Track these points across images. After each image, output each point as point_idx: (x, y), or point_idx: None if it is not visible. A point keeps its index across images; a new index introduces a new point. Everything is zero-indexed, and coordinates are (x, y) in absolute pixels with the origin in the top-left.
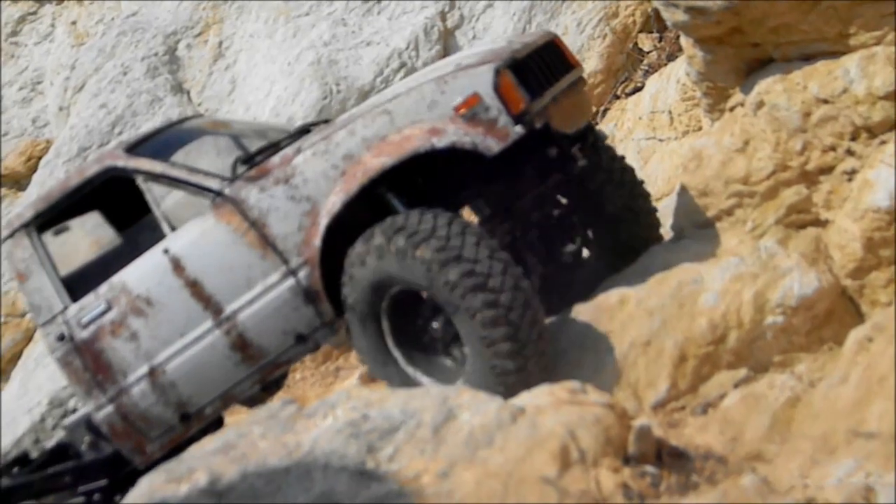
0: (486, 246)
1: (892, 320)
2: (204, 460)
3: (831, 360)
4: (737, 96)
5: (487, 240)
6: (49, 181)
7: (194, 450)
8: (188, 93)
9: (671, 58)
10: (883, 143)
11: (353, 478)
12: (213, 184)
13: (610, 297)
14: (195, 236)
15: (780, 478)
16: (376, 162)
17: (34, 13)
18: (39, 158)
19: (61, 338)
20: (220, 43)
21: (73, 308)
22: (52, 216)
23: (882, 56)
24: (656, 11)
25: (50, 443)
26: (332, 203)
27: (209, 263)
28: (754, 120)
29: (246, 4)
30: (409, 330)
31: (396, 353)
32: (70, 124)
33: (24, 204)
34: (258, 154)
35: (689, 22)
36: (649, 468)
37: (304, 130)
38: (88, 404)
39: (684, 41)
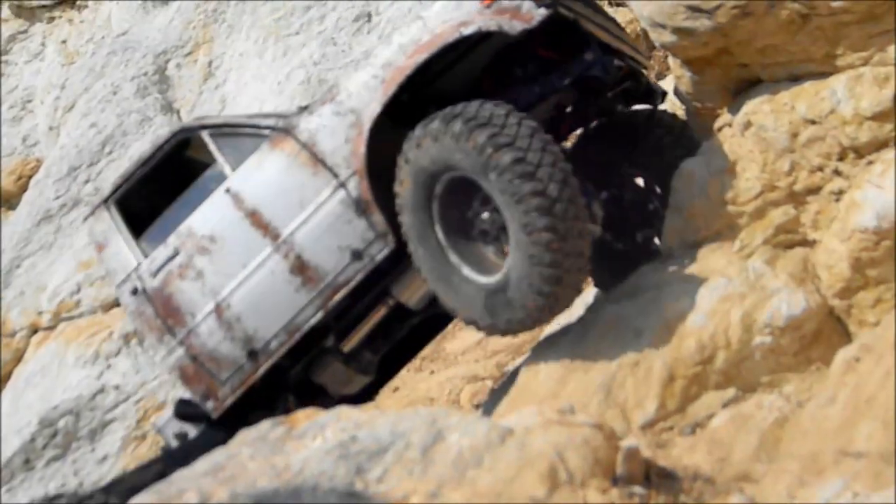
0: (539, 138)
1: (880, 340)
2: (194, 481)
3: (819, 380)
4: (724, 117)
5: (542, 133)
6: (39, 200)
7: (184, 472)
8: (178, 112)
9: (660, 77)
10: (870, 163)
11: (342, 499)
12: (270, 122)
13: (599, 317)
14: (253, 169)
15: (768, 498)
16: (411, 61)
17: (24, 32)
18: (30, 177)
19: (134, 291)
20: (210, 62)
21: (146, 262)
22: (130, 188)
23: (869, 77)
24: (645, 32)
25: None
26: (373, 108)
27: (266, 191)
28: (742, 140)
29: (236, 24)
30: (458, 219)
31: (443, 240)
32: (60, 143)
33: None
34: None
35: (677, 43)
36: (637, 489)
37: None
38: (160, 352)
39: (672, 62)
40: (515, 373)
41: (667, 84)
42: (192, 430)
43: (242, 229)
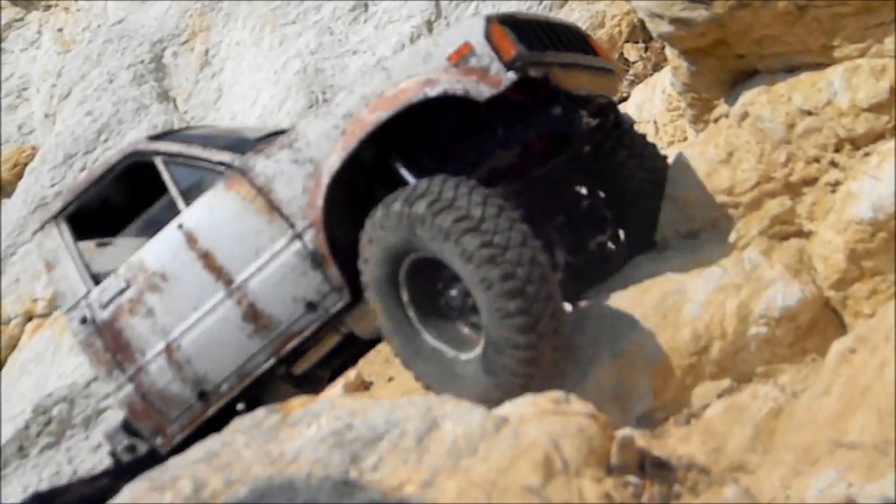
0: (506, 217)
1: (875, 332)
2: (188, 469)
3: (814, 371)
4: (721, 108)
5: (508, 211)
6: (34, 188)
7: (178, 458)
8: (174, 101)
9: (657, 68)
10: (866, 154)
11: (337, 487)
12: (226, 157)
13: (594, 307)
14: (207, 208)
15: (763, 488)
16: (373, 117)
17: (21, 20)
18: (25, 165)
19: (84, 321)
20: (207, 51)
21: (95, 291)
22: (80, 205)
23: (866, 68)
24: (642, 22)
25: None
26: (332, 161)
27: (220, 234)
28: (738, 131)
29: (233, 12)
30: (428, 297)
31: (416, 322)
32: (56, 131)
33: (54, 197)
34: (271, 136)
35: (674, 33)
36: (632, 478)
37: None
38: (109, 386)
39: (669, 52)
40: None
41: (662, 76)
42: (141, 445)
43: (195, 271)
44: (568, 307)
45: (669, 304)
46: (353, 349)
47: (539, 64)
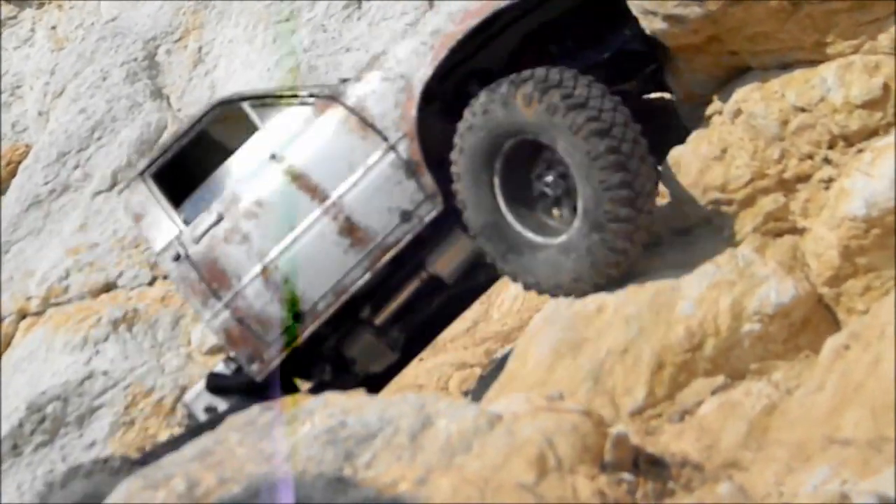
0: (610, 99)
1: (869, 328)
2: (182, 466)
3: (808, 367)
4: (715, 104)
5: (611, 95)
6: (28, 186)
7: (172, 456)
8: (168, 98)
9: None
10: (860, 151)
11: (331, 484)
12: (314, 90)
13: (587, 305)
14: (299, 134)
15: (756, 485)
16: (462, 27)
17: (14, 17)
18: (19, 163)
19: (177, 257)
20: (200, 48)
21: (187, 229)
22: (168, 160)
23: (859, 65)
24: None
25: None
26: (424, 72)
27: (313, 155)
28: (732, 128)
29: (226, 10)
30: (520, 184)
31: (503, 206)
32: (49, 129)
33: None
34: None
35: (667, 30)
36: (626, 475)
37: None
38: (205, 315)
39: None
40: (504, 360)
41: None
42: (221, 404)
43: (290, 193)
44: None
45: (663, 301)
46: (430, 306)
47: None
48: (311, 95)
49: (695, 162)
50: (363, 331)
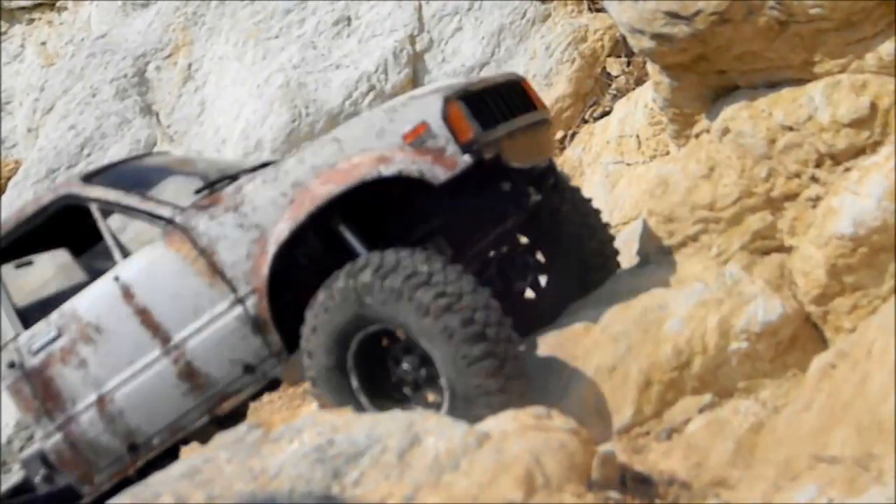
0: (452, 270)
1: (856, 347)
2: (170, 485)
3: (795, 386)
4: (703, 123)
5: (452, 265)
6: (17, 202)
7: (160, 474)
8: (157, 115)
9: (639, 82)
10: (847, 170)
11: (319, 502)
12: (166, 212)
13: (575, 323)
14: (145, 264)
15: (744, 503)
16: (324, 189)
17: (4, 33)
18: (8, 179)
19: (11, 365)
20: (190, 65)
21: (25, 335)
22: (9, 245)
23: (846, 84)
24: (624, 37)
25: (12, 479)
26: (280, 230)
27: (159, 291)
28: (720, 146)
29: (216, 27)
30: (378, 378)
31: (367, 406)
32: (38, 146)
33: None
34: (215, 184)
35: (655, 49)
36: (613, 494)
37: (266, 165)
38: (37, 433)
39: (651, 67)
40: None
41: (645, 90)
42: (61, 478)
43: (131, 326)
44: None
45: (651, 319)
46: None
47: (492, 143)
48: (163, 219)
49: (683, 180)
50: (209, 427)
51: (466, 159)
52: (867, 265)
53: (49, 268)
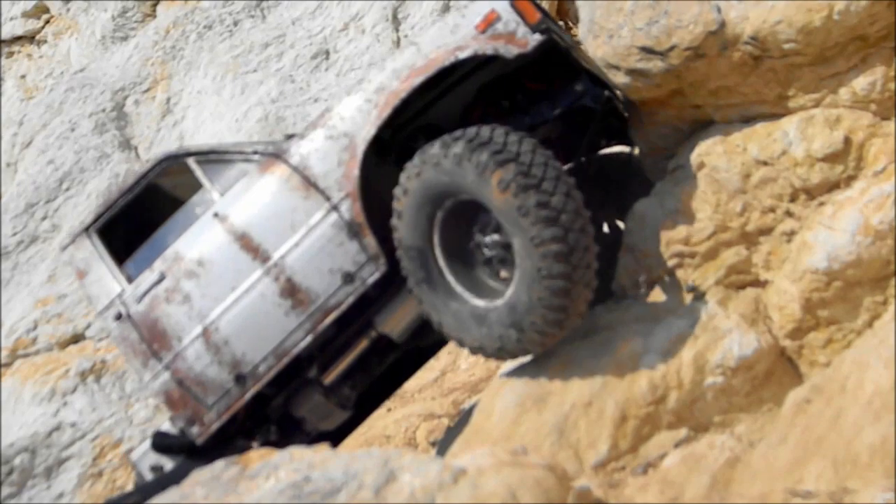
0: (541, 154)
1: (830, 381)
2: None
3: (770, 420)
4: (678, 157)
5: (567, 177)
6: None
7: None
8: (136, 149)
9: None
10: (821, 204)
11: None
12: (258, 147)
13: (553, 356)
14: (242, 193)
15: None
16: (406, 84)
17: None
18: None
19: (118, 316)
20: (168, 99)
21: (129, 288)
22: (113, 215)
23: (820, 118)
24: None
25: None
26: (367, 131)
27: (256, 215)
28: (695, 181)
29: (194, 61)
30: (460, 246)
31: (445, 268)
32: (17, 180)
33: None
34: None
35: (631, 84)
36: None
37: None
38: (145, 376)
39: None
40: (470, 412)
41: None
42: (168, 463)
43: (231, 252)
44: None
45: (626, 353)
46: (380, 365)
47: (559, 35)
48: (256, 153)
49: (658, 215)
50: (311, 390)
51: (538, 37)
52: (842, 299)
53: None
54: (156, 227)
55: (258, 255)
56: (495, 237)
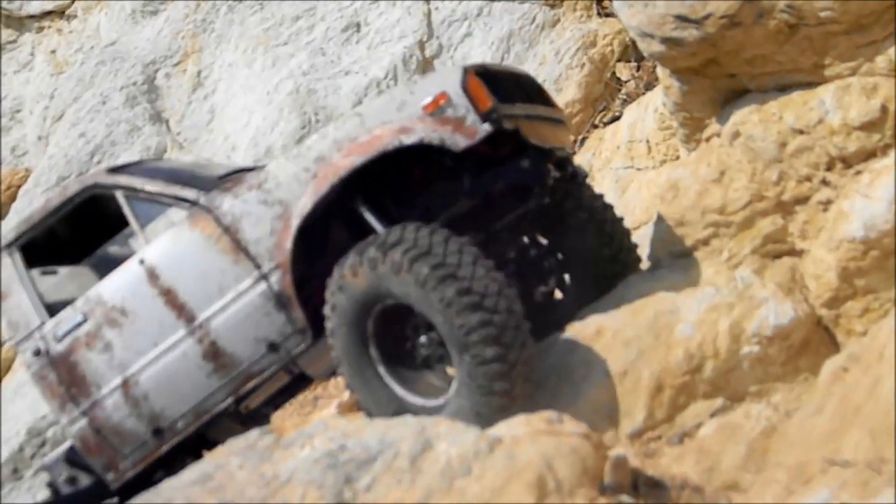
0: (455, 242)
1: (868, 350)
2: (182, 491)
3: (807, 390)
4: (713, 127)
5: (483, 259)
6: (28, 211)
7: (172, 480)
8: (167, 122)
9: (649, 87)
10: (858, 173)
11: None
12: (190, 194)
13: (587, 328)
14: (170, 245)
15: None
16: (346, 161)
17: (13, 41)
18: (18, 187)
19: (37, 352)
20: (199, 72)
21: (50, 323)
22: (36, 236)
23: (857, 87)
24: (634, 41)
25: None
26: (304, 204)
27: (183, 271)
28: (730, 150)
29: (225, 34)
30: (396, 346)
31: (381, 369)
32: (49, 154)
33: (7, 227)
34: (237, 172)
35: (666, 53)
36: (625, 498)
37: None
38: (62, 419)
39: (661, 72)
40: None
41: (655, 95)
42: (83, 477)
43: (155, 307)
44: None
45: (662, 323)
46: (299, 387)
47: (510, 116)
48: (186, 201)
49: (693, 185)
50: (229, 419)
51: (486, 128)
52: (878, 268)
53: (73, 278)
54: (89, 251)
55: (183, 314)
56: (431, 334)
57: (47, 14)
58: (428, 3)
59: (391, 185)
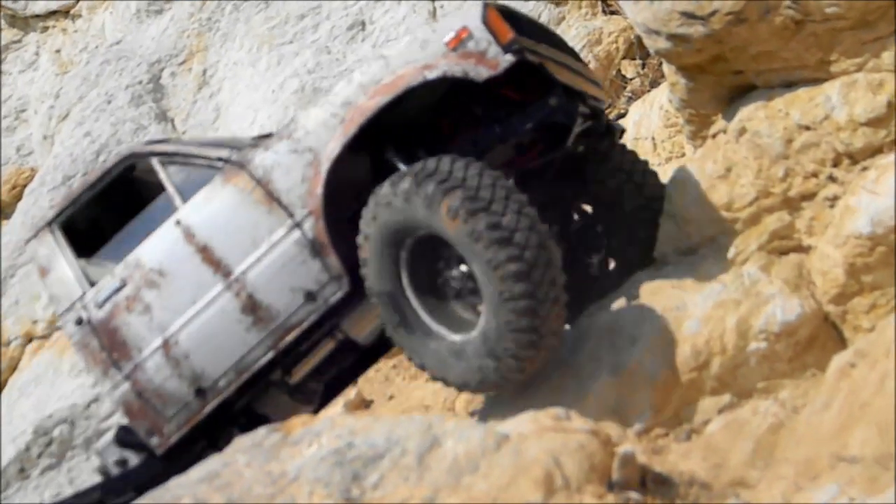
0: (515, 200)
1: (875, 346)
2: (189, 488)
3: (814, 386)
4: (719, 123)
5: (517, 194)
6: (33, 210)
7: (179, 478)
8: (172, 121)
9: (654, 84)
10: (864, 169)
11: None
12: (223, 153)
13: (594, 324)
14: (204, 203)
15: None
16: (372, 102)
17: (18, 41)
18: (24, 187)
19: (79, 321)
20: (205, 71)
21: (91, 292)
22: (76, 211)
23: (863, 83)
24: (639, 38)
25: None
26: (332, 149)
27: (218, 227)
28: (736, 147)
29: (230, 32)
30: (427, 277)
31: (413, 299)
32: (54, 153)
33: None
34: (265, 136)
35: (672, 49)
36: (633, 494)
37: None
38: (105, 385)
39: (667, 68)
40: None
41: (660, 92)
42: (133, 458)
43: (193, 265)
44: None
45: (669, 320)
46: (346, 362)
47: (534, 52)
48: (220, 160)
49: (699, 181)
50: (276, 390)
51: (509, 58)
52: (885, 264)
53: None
54: (125, 223)
55: (219, 269)
56: (462, 268)
57: (52, 14)
58: (433, 1)
59: (422, 137)
